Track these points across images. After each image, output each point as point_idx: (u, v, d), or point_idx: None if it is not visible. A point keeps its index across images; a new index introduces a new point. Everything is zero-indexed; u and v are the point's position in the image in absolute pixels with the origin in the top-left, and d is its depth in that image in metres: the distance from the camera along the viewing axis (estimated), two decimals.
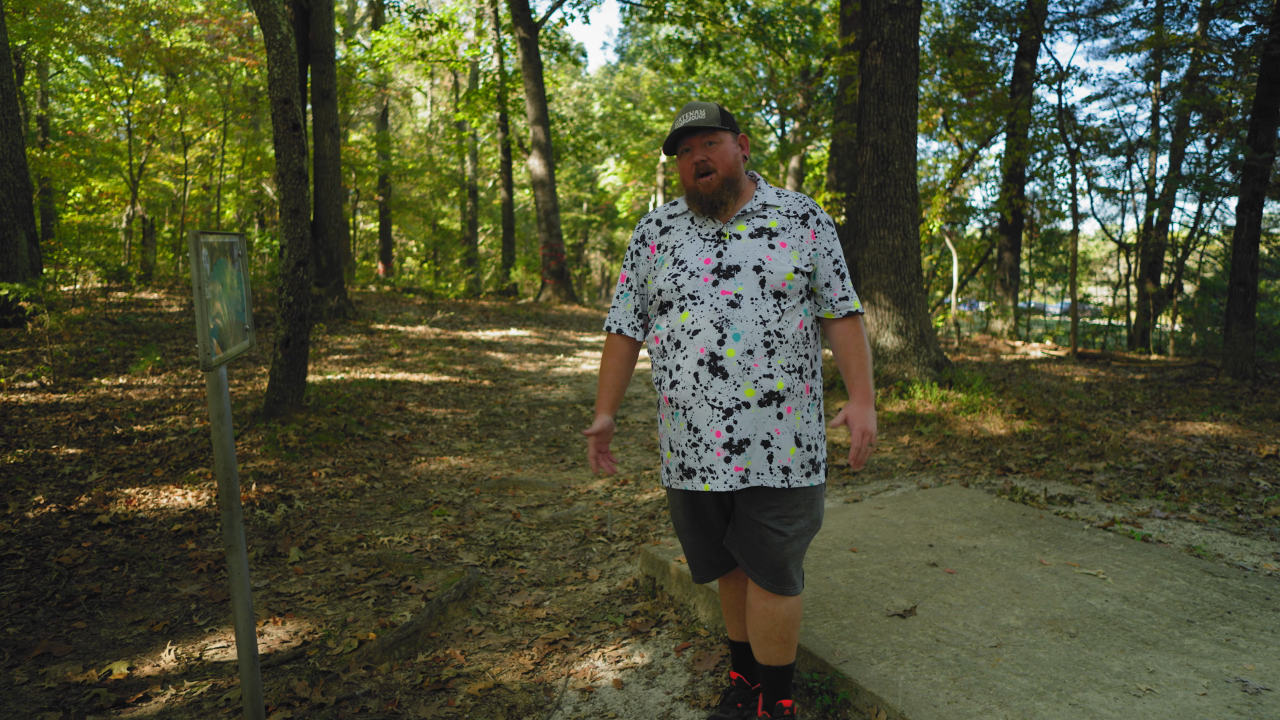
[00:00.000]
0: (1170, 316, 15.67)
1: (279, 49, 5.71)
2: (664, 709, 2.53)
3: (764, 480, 2.06)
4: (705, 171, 2.10)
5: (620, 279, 2.31)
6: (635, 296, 2.27)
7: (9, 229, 8.22)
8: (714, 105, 2.14)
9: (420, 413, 6.81)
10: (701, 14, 16.85)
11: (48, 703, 2.58)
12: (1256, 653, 2.55)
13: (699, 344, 2.06)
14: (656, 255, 2.19)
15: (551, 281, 18.00)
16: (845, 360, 2.21)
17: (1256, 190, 9.01)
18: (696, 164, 2.10)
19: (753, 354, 2.04)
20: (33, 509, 4.17)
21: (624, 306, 2.29)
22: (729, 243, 2.11)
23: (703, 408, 2.06)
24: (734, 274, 2.07)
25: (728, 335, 2.04)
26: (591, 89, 36.46)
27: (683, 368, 2.08)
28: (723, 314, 2.05)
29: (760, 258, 2.08)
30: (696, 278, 2.08)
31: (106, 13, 14.83)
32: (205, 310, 1.96)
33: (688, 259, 2.11)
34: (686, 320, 2.08)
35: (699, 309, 2.07)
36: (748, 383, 2.04)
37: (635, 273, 2.26)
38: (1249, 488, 4.86)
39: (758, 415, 2.05)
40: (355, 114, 25.73)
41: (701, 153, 2.10)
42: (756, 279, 2.06)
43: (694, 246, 2.13)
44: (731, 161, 2.11)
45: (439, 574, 3.59)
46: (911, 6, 7.47)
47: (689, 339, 2.07)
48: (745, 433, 2.05)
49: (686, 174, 2.14)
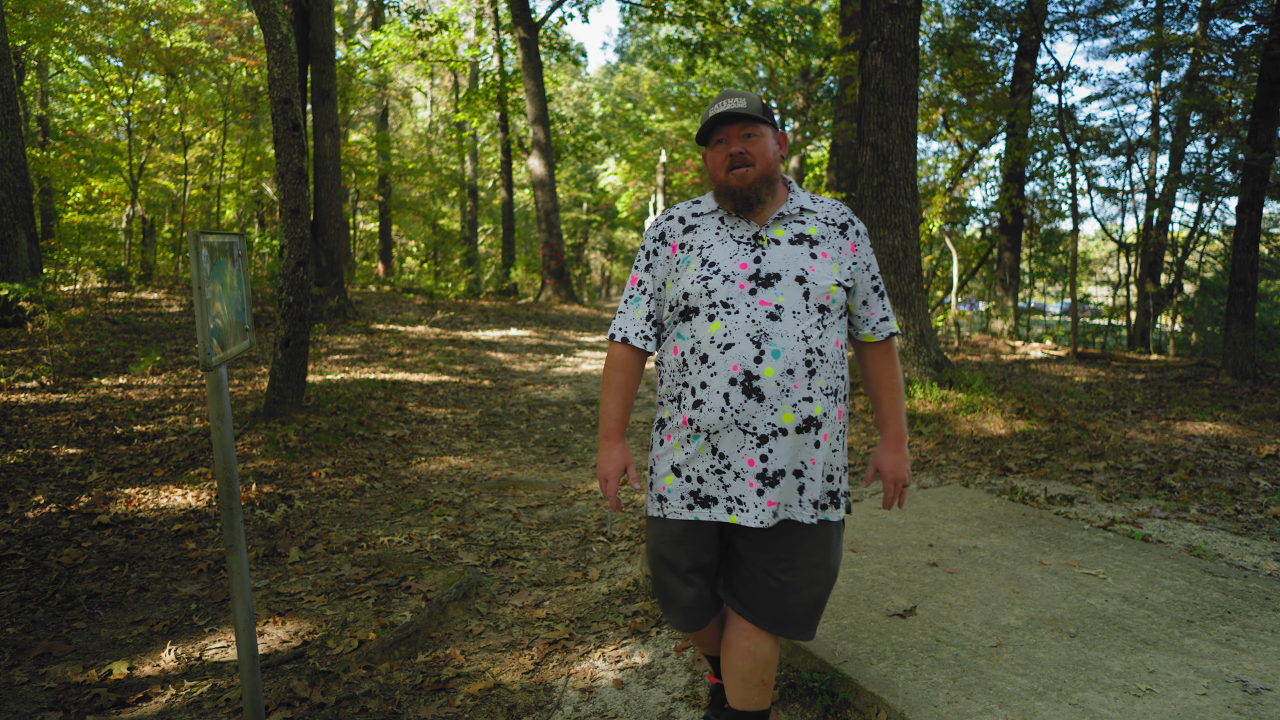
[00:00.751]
0: (1170, 316, 15.67)
1: (279, 49, 5.71)
2: (664, 709, 2.53)
3: (792, 514, 1.87)
4: (741, 164, 1.86)
5: (630, 281, 2.04)
6: (650, 302, 1.99)
7: (9, 229, 8.22)
8: (755, 95, 1.91)
9: (420, 413, 6.81)
10: (701, 14, 16.85)
11: (48, 703, 2.58)
12: (1256, 653, 2.55)
13: (731, 360, 1.81)
14: (679, 255, 1.94)
15: (551, 281, 18.00)
16: (878, 393, 2.04)
17: (1256, 190, 9.01)
18: (732, 155, 1.87)
19: (793, 374, 1.81)
20: (33, 509, 4.17)
21: (634, 313, 2.01)
22: (767, 248, 1.88)
23: (732, 433, 1.82)
24: (774, 283, 1.83)
25: (766, 352, 1.80)
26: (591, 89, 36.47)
27: (710, 386, 1.83)
28: (761, 327, 1.80)
29: (803, 267, 1.86)
30: (731, 283, 1.83)
31: (106, 13, 14.83)
32: (205, 310, 1.96)
33: (720, 262, 1.86)
34: (717, 331, 1.83)
35: (733, 320, 1.82)
36: (786, 406, 1.81)
37: (651, 275, 1.99)
38: (1249, 488, 4.86)
39: (795, 443, 1.82)
40: (355, 114, 25.73)
41: (739, 144, 1.88)
42: (799, 290, 1.83)
43: (727, 249, 1.88)
44: (771, 158, 1.89)
45: (439, 574, 3.59)
46: (911, 6, 7.47)
47: (719, 354, 1.82)
48: (780, 462, 1.82)
49: (718, 166, 1.91)
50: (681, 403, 1.90)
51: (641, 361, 2.03)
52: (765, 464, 1.82)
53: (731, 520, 1.85)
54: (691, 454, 1.88)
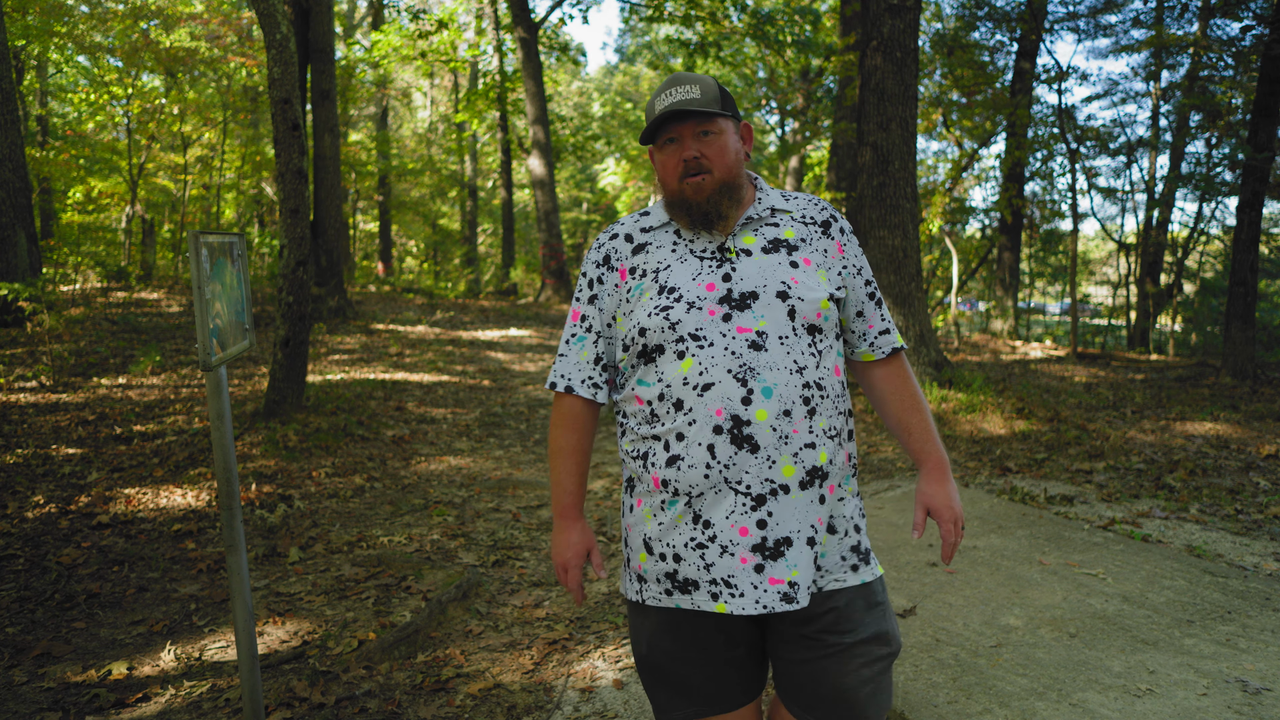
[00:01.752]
0: (1170, 316, 15.67)
1: (279, 49, 5.71)
2: None
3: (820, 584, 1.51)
4: (696, 171, 1.52)
5: (571, 317, 1.66)
6: (598, 342, 1.62)
7: (8, 229, 8.22)
8: (710, 80, 1.54)
9: (420, 413, 6.81)
10: (701, 14, 16.85)
11: (47, 703, 2.58)
12: (1256, 653, 2.54)
13: (713, 403, 1.45)
14: (629, 282, 1.58)
15: (551, 281, 18.01)
16: (900, 417, 1.65)
17: (1256, 190, 9.01)
18: (685, 161, 1.52)
19: (790, 416, 1.45)
20: (32, 509, 4.17)
21: (578, 356, 1.62)
22: (737, 260, 1.53)
23: (720, 494, 1.45)
24: (750, 303, 1.49)
25: (755, 390, 1.45)
26: (591, 89, 36.47)
27: (689, 437, 1.46)
28: (744, 360, 1.45)
29: (784, 280, 1.51)
30: (698, 310, 1.48)
31: (106, 12, 14.83)
32: (205, 310, 1.95)
33: (681, 285, 1.51)
34: (691, 370, 1.47)
35: (709, 354, 1.46)
36: (785, 457, 1.45)
37: (596, 308, 1.62)
38: (1249, 488, 4.86)
39: (799, 502, 1.47)
40: (355, 114, 25.74)
41: (693, 146, 1.52)
42: (783, 309, 1.49)
43: (688, 268, 1.53)
44: (732, 159, 1.54)
45: (439, 574, 3.59)
46: (911, 6, 7.47)
47: (697, 397, 1.46)
48: (785, 528, 1.46)
49: (669, 173, 1.56)
50: (651, 460, 1.52)
51: (594, 415, 1.65)
52: (764, 531, 1.45)
53: (719, 609, 1.46)
54: (666, 524, 1.50)
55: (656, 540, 1.52)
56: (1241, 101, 13.73)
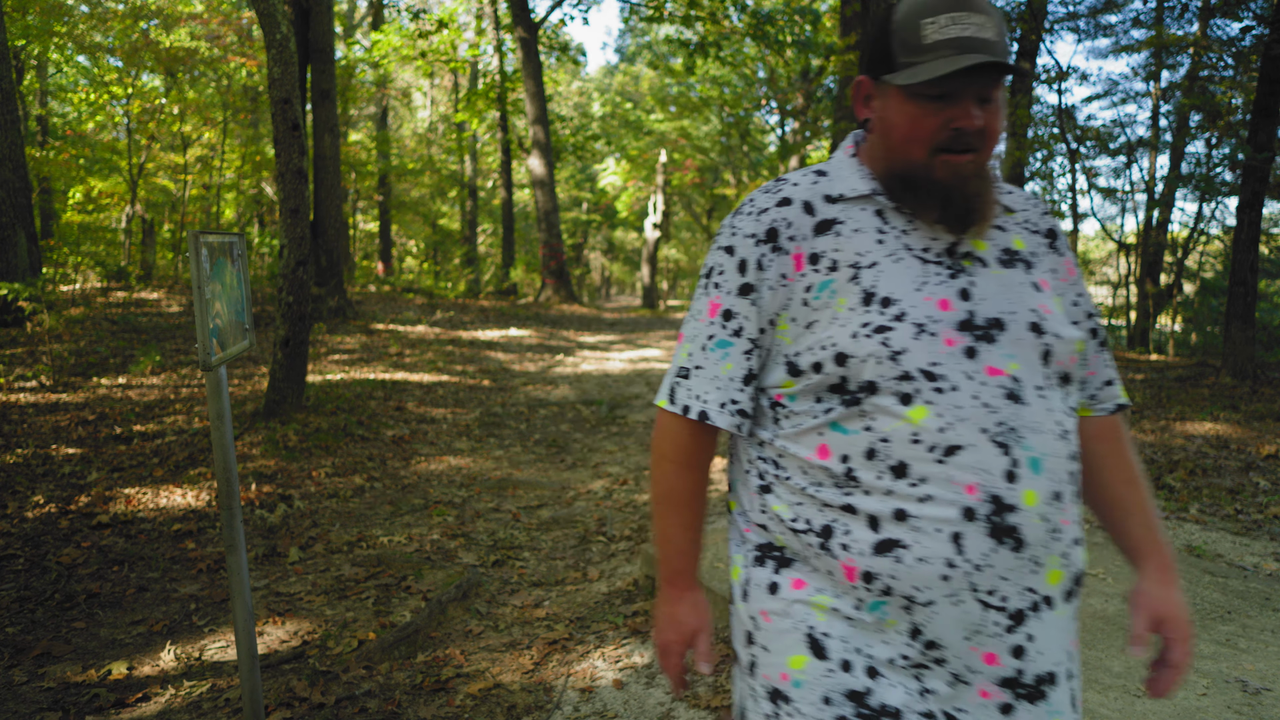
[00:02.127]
0: (1170, 316, 15.68)
1: (279, 49, 5.71)
2: (664, 709, 2.53)
3: None
4: (965, 147, 1.07)
5: (708, 310, 1.17)
6: (750, 353, 1.15)
7: (8, 229, 8.22)
8: (997, 10, 1.11)
9: (420, 412, 6.81)
10: (701, 14, 16.85)
11: (47, 703, 2.58)
12: (1256, 653, 2.54)
13: (963, 475, 1.02)
14: (809, 276, 1.11)
15: (551, 281, 18.01)
16: (1115, 492, 1.24)
17: (1256, 190, 9.01)
18: (958, 131, 1.07)
19: (1060, 499, 1.06)
20: (32, 509, 4.17)
21: (716, 368, 1.16)
22: (973, 271, 1.10)
23: (961, 605, 1.03)
24: (996, 334, 1.06)
25: (1021, 461, 1.03)
26: (591, 89, 36.47)
27: (920, 519, 1.03)
28: (1001, 416, 1.03)
29: (1033, 307, 1.09)
30: (930, 337, 1.05)
31: (106, 12, 14.83)
32: (205, 310, 1.95)
33: (901, 295, 1.07)
34: (925, 423, 1.03)
35: (951, 402, 1.03)
36: (1054, 558, 1.06)
37: (753, 304, 1.13)
38: (1249, 488, 4.86)
39: (1062, 621, 1.09)
40: (355, 114, 25.73)
41: (976, 114, 1.07)
42: (1036, 348, 1.07)
43: (905, 271, 1.09)
44: (1000, 132, 1.12)
45: (439, 574, 3.59)
46: None
47: (934, 463, 1.03)
48: (1050, 658, 1.07)
49: (916, 135, 1.08)
50: (841, 540, 1.07)
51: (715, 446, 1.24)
52: (1021, 662, 1.05)
53: None
54: (868, 627, 1.08)
55: (840, 642, 1.08)
56: (1241, 101, 13.74)
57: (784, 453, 1.14)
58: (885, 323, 1.05)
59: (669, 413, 1.20)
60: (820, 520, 1.09)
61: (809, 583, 1.11)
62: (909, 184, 1.11)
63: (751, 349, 1.15)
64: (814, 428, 1.10)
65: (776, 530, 1.15)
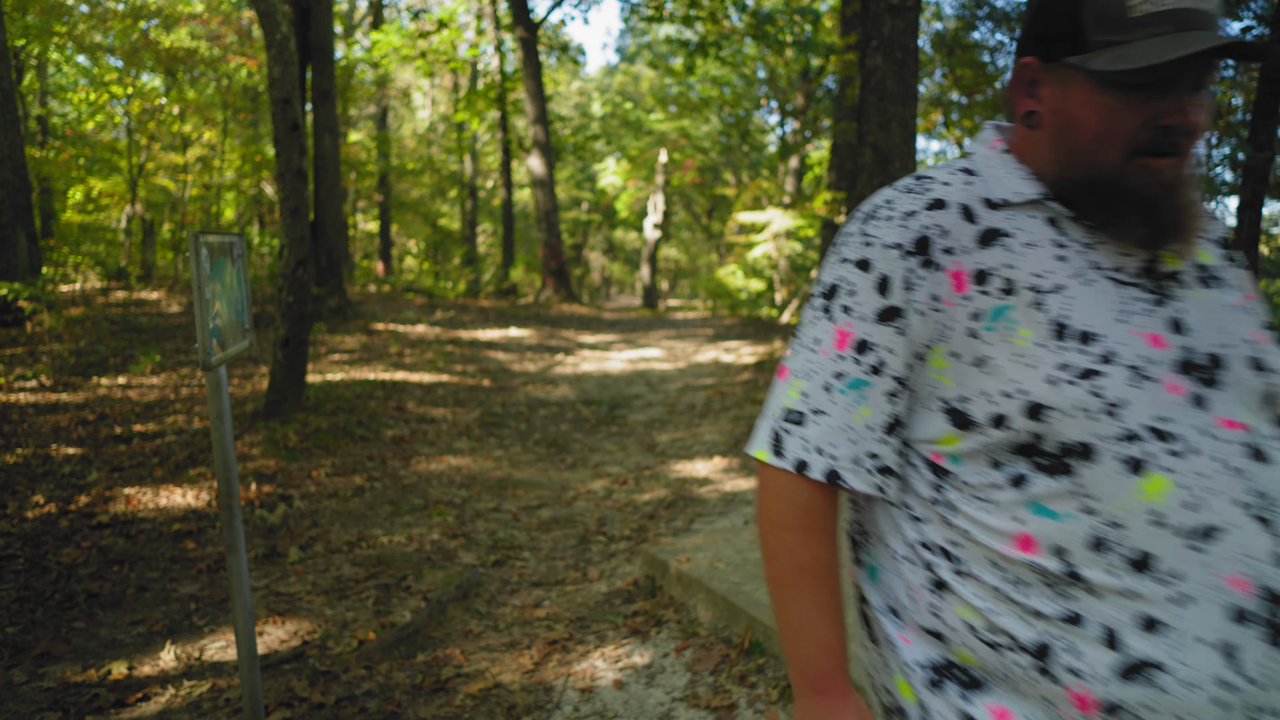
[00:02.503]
0: None
1: (279, 49, 5.71)
2: (663, 709, 2.53)
3: None
4: (1169, 150, 0.87)
5: (835, 341, 0.94)
6: (896, 396, 0.92)
7: (8, 228, 8.22)
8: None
9: (420, 412, 6.81)
10: (701, 14, 16.85)
11: (47, 703, 2.58)
12: None
13: (1228, 564, 0.80)
14: (976, 299, 0.89)
15: (551, 281, 18.02)
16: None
17: (1256, 190, 9.02)
18: (1162, 129, 0.86)
19: None
20: (32, 509, 4.17)
21: (847, 414, 0.92)
22: (1179, 296, 0.90)
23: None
24: (1219, 376, 0.86)
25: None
26: (591, 89, 36.48)
27: (1177, 629, 0.80)
28: (1253, 483, 0.82)
29: (1246, 337, 0.90)
30: (1152, 383, 0.84)
31: (106, 12, 14.83)
32: (205, 310, 1.95)
33: (1101, 329, 0.86)
34: (1167, 499, 0.81)
35: (1192, 469, 0.82)
36: None
37: (900, 333, 0.91)
38: None
39: None
40: (355, 114, 25.73)
41: (1194, 111, 0.86)
42: (1257, 387, 0.88)
43: (1099, 295, 0.87)
44: (1206, 128, 0.91)
45: (439, 574, 3.59)
46: (911, 6, 7.48)
47: (1187, 550, 0.80)
48: None
49: (1108, 135, 0.87)
50: (1066, 662, 0.83)
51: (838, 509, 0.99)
52: None
53: None
54: None
55: None
56: (1241, 101, 13.75)
57: (961, 541, 0.89)
58: (1091, 365, 0.83)
59: (779, 470, 0.94)
60: (1029, 635, 0.84)
61: (1015, 712, 0.86)
62: (1098, 192, 0.88)
63: (897, 390, 0.91)
64: (1005, 508, 0.86)
65: (959, 642, 0.90)
